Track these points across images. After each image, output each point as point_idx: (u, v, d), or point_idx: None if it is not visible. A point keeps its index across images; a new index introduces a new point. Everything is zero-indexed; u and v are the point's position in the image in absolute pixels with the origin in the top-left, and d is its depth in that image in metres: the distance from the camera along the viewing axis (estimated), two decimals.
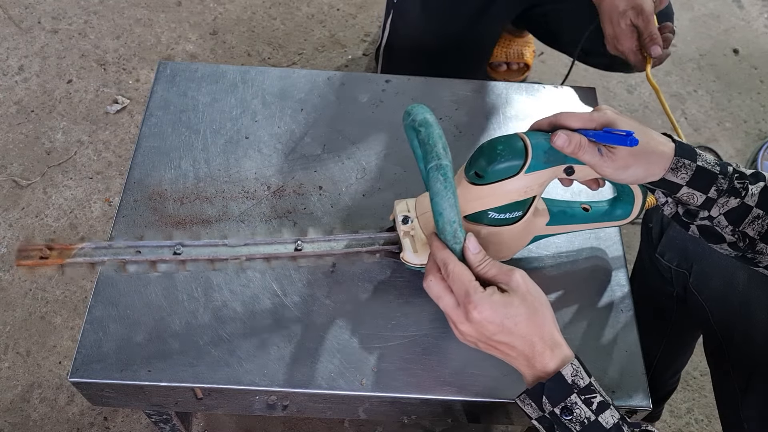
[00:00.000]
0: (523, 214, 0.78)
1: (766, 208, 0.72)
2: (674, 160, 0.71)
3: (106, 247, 0.80)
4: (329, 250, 0.82)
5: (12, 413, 1.26)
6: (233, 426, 1.27)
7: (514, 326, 0.65)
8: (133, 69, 1.74)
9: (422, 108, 0.72)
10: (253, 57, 1.78)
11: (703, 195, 0.72)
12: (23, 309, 1.37)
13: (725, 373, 0.89)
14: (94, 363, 0.78)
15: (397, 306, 0.85)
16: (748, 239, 0.73)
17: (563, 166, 0.74)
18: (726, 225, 0.73)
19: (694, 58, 1.89)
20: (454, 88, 1.07)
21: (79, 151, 1.59)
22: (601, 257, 0.91)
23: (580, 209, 0.86)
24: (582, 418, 0.63)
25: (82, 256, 0.78)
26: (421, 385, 0.79)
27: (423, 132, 0.69)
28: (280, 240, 0.82)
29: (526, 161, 0.72)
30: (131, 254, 0.79)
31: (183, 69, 1.06)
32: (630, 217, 0.87)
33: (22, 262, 0.76)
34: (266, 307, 0.83)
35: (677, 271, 0.95)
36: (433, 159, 0.68)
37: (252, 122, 1.00)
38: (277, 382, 0.78)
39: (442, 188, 0.67)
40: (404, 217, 0.80)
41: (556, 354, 0.65)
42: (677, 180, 0.71)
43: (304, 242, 0.82)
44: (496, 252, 0.81)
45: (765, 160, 1.63)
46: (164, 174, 0.94)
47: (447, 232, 0.68)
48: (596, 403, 0.64)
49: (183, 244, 0.80)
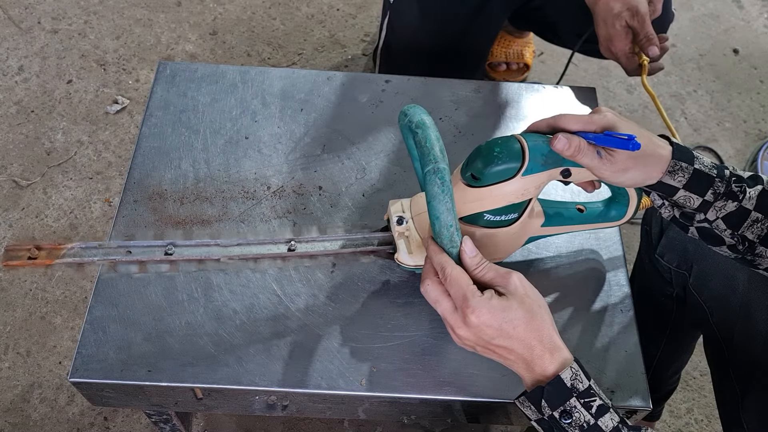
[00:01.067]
0: (519, 216, 0.78)
1: (764, 211, 0.72)
2: (671, 163, 0.71)
3: (96, 247, 0.80)
4: (323, 251, 0.82)
5: (12, 413, 1.26)
6: (233, 426, 1.27)
7: (512, 330, 0.64)
8: (133, 69, 1.74)
9: (418, 109, 0.72)
10: (252, 57, 1.78)
11: (700, 198, 0.72)
12: (23, 309, 1.38)
13: (725, 373, 0.89)
14: (94, 363, 0.78)
15: (396, 306, 0.85)
16: (747, 242, 0.73)
17: (560, 168, 0.74)
18: (725, 228, 0.73)
19: (693, 58, 1.89)
20: (453, 88, 1.07)
21: (79, 152, 1.59)
22: (601, 257, 0.91)
23: (575, 210, 0.86)
24: (581, 421, 0.63)
25: (71, 256, 0.78)
26: (421, 385, 0.79)
27: (420, 134, 0.69)
28: (272, 240, 0.82)
29: (523, 164, 0.72)
30: (122, 254, 0.79)
31: (183, 69, 1.06)
32: (624, 218, 0.87)
33: (9, 263, 0.76)
34: (266, 307, 0.83)
35: (677, 272, 0.95)
36: (430, 162, 0.67)
37: (252, 122, 1.00)
38: (276, 382, 0.78)
39: (440, 192, 0.66)
40: (399, 218, 0.80)
41: (555, 357, 0.65)
42: (674, 183, 0.71)
43: (298, 242, 0.82)
44: (490, 253, 0.81)
45: (765, 160, 1.63)
46: (164, 174, 0.94)
47: (444, 236, 0.68)
48: (596, 407, 0.64)
49: (175, 245, 0.80)
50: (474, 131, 1.02)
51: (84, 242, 0.81)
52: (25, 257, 0.77)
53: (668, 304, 1.01)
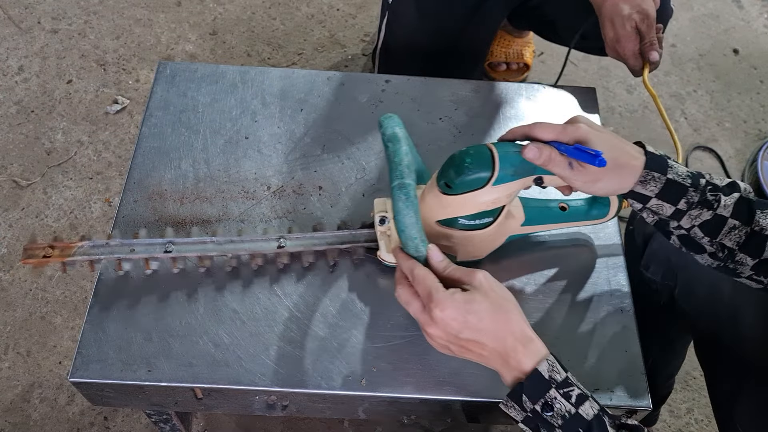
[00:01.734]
0: (493, 219, 0.80)
1: (741, 218, 0.72)
2: (644, 173, 0.72)
3: (103, 245, 0.82)
4: (311, 247, 0.84)
5: (12, 413, 1.27)
6: (233, 426, 1.27)
7: (478, 322, 0.65)
8: (133, 69, 1.74)
9: (392, 120, 0.74)
10: (252, 57, 1.78)
11: (672, 206, 0.73)
12: (23, 309, 1.38)
13: (716, 376, 0.90)
14: (94, 363, 0.78)
15: (396, 306, 0.84)
16: (726, 250, 0.74)
17: (532, 177, 0.75)
18: (702, 236, 0.74)
19: (693, 58, 1.89)
20: (453, 88, 1.07)
21: (79, 152, 1.59)
22: (601, 257, 0.91)
23: (557, 209, 0.87)
24: (563, 411, 0.64)
25: (81, 254, 0.81)
26: (421, 384, 0.79)
27: (390, 148, 0.73)
28: (263, 237, 0.85)
29: (494, 174, 0.73)
30: (126, 252, 0.82)
31: (183, 69, 1.06)
32: (606, 217, 0.88)
33: (27, 261, 0.80)
34: (266, 307, 0.83)
35: (662, 284, 0.96)
36: (396, 178, 0.72)
37: (252, 122, 1.00)
38: (276, 382, 0.78)
39: (404, 207, 0.70)
40: (381, 218, 0.82)
41: (530, 350, 0.66)
42: (646, 192, 0.72)
43: (287, 239, 0.84)
44: (468, 253, 0.83)
45: (765, 160, 1.63)
46: (164, 174, 0.94)
47: (409, 247, 0.71)
48: (575, 396, 0.64)
49: (173, 242, 0.82)
50: (474, 131, 1.02)
51: (92, 240, 0.83)
52: (41, 256, 0.80)
53: (657, 312, 1.01)
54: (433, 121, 1.03)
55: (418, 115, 1.03)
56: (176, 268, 0.84)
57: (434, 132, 1.01)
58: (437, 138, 1.01)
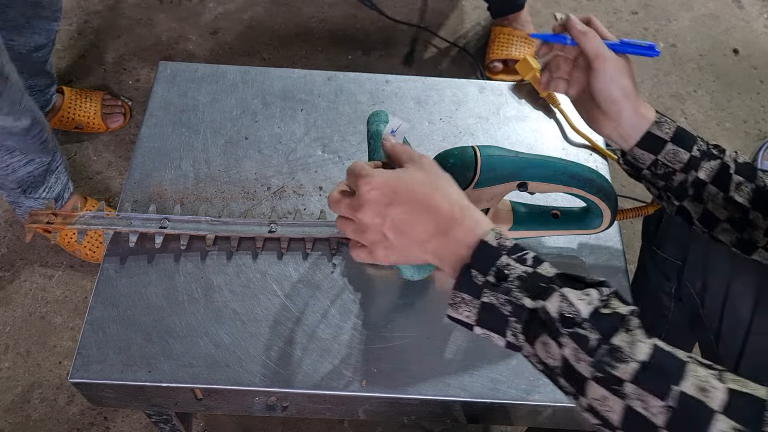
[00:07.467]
0: None
1: (744, 174, 0.75)
2: (657, 115, 0.77)
3: (102, 217, 0.87)
4: (301, 234, 0.86)
5: (12, 413, 1.27)
6: (233, 426, 1.27)
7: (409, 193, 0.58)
8: (133, 69, 1.74)
9: (379, 117, 0.74)
10: (253, 57, 1.78)
11: (687, 153, 0.76)
12: (23, 309, 1.38)
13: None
14: (94, 363, 0.78)
15: (397, 307, 0.85)
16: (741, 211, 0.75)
17: (516, 182, 0.75)
18: (716, 192, 0.76)
19: (693, 58, 1.89)
20: (453, 88, 1.07)
21: (79, 152, 1.59)
22: (601, 257, 0.91)
23: (549, 215, 0.86)
24: (519, 272, 0.56)
25: (81, 223, 0.86)
26: (421, 385, 0.79)
27: (372, 144, 0.73)
28: (255, 221, 0.87)
29: (475, 177, 0.73)
30: (124, 224, 0.86)
31: (183, 69, 1.06)
32: (599, 228, 0.86)
33: (31, 225, 0.85)
34: (266, 307, 0.83)
35: (672, 263, 0.96)
36: None
37: (252, 122, 1.00)
38: (276, 383, 0.78)
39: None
40: None
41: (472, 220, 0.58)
42: (662, 134, 0.76)
43: (279, 225, 0.86)
44: None
45: (765, 160, 1.63)
46: (164, 174, 0.94)
47: None
48: (531, 259, 0.57)
49: (168, 219, 0.86)
50: (474, 131, 1.02)
51: (92, 212, 0.87)
52: (44, 222, 0.85)
53: (665, 301, 1.02)
54: (433, 121, 1.02)
55: (418, 115, 1.03)
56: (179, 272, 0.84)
57: (434, 132, 1.01)
58: (437, 138, 1.01)
